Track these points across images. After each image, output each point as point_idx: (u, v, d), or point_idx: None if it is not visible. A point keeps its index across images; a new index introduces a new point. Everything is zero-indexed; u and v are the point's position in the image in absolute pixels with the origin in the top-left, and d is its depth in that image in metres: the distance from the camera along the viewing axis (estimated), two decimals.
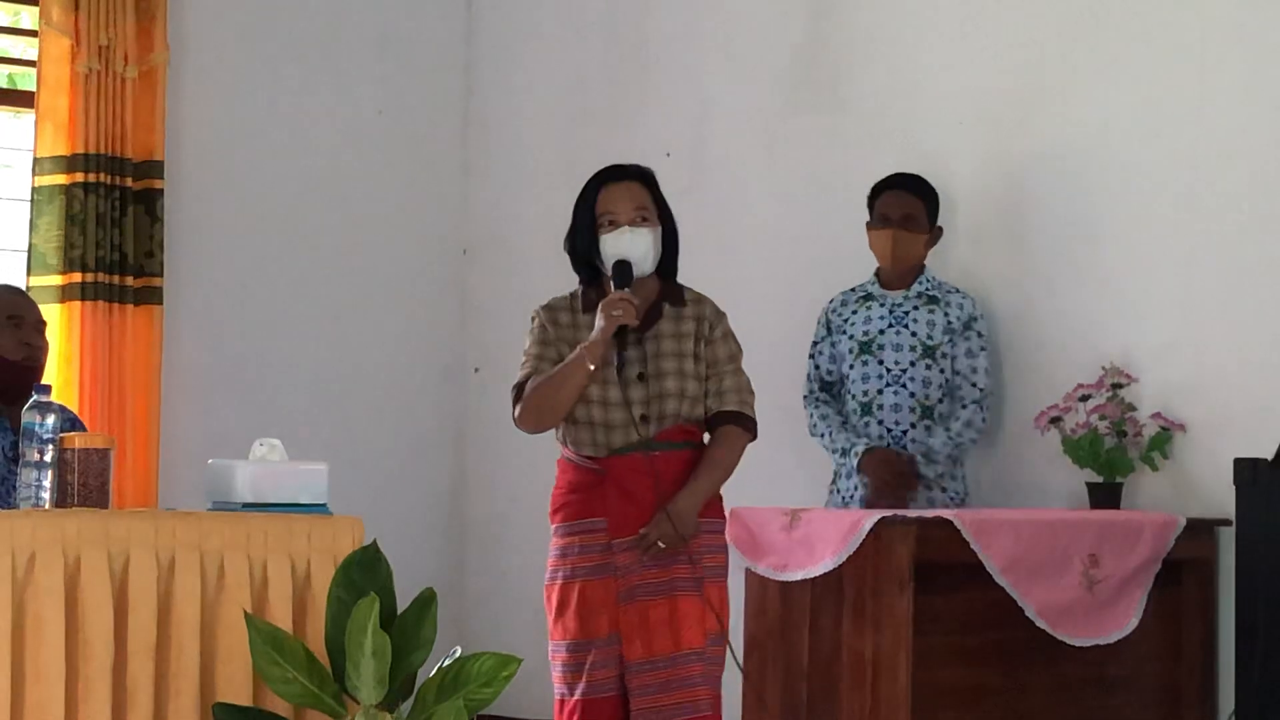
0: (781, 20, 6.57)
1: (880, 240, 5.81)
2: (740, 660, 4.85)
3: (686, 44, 6.87)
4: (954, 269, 5.96)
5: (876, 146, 6.20)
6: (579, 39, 7.23)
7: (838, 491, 5.79)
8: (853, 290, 5.91)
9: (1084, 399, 5.49)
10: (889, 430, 5.75)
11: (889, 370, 5.78)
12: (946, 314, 5.78)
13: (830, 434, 5.80)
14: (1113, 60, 5.73)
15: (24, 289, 5.50)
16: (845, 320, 5.87)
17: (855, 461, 5.68)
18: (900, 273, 5.83)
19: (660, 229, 4.71)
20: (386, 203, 7.38)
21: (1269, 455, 5.12)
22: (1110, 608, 5.14)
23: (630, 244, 4.65)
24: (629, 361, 4.63)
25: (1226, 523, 5.30)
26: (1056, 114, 5.84)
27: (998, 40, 6.00)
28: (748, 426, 4.71)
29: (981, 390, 5.73)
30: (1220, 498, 5.29)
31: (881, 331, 5.80)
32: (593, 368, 4.58)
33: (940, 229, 5.86)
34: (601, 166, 4.83)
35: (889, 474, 5.59)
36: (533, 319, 4.76)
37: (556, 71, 7.30)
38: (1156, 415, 5.44)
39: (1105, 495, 5.45)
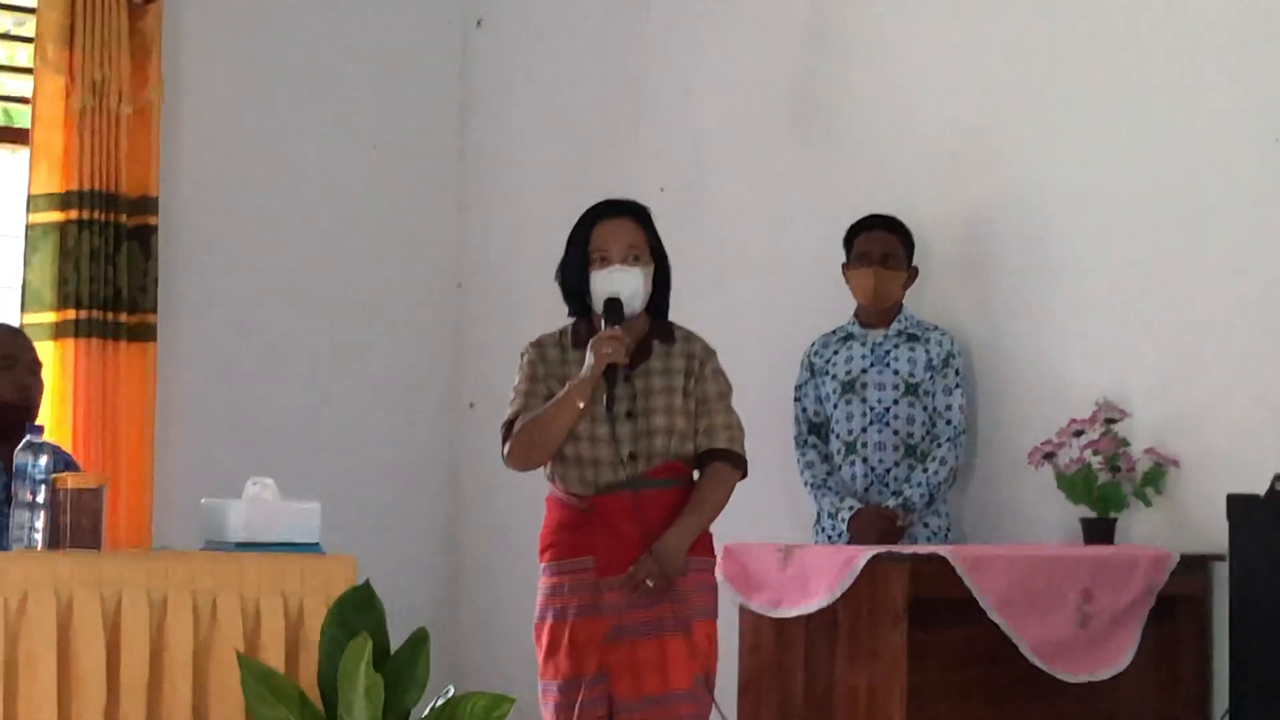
0: (776, 56, 6.59)
1: (861, 279, 5.83)
2: (721, 710, 4.81)
3: (681, 80, 6.89)
4: (934, 306, 5.97)
5: (871, 179, 6.21)
6: (574, 74, 7.25)
7: (822, 530, 5.80)
8: (833, 332, 5.93)
9: (1077, 434, 5.49)
10: (873, 469, 5.77)
11: (872, 409, 5.79)
12: (927, 351, 5.80)
13: (814, 492, 5.81)
14: (1100, 91, 5.74)
15: (18, 328, 5.49)
16: (827, 361, 5.89)
17: (844, 525, 5.69)
18: (880, 311, 5.86)
19: (652, 267, 4.71)
20: (381, 237, 7.38)
21: (1262, 491, 5.11)
22: (1104, 644, 5.13)
23: (621, 282, 4.65)
24: (618, 399, 4.62)
25: (1220, 558, 5.29)
26: (1043, 149, 5.85)
27: (983, 76, 6.01)
28: (737, 464, 4.70)
29: (955, 427, 5.75)
30: (1214, 533, 5.28)
31: (864, 371, 5.82)
32: (581, 405, 4.58)
33: (916, 269, 5.90)
34: (596, 201, 4.83)
35: (875, 534, 5.59)
36: (522, 355, 4.76)
37: (551, 106, 7.31)
38: (1150, 450, 5.44)
39: (1099, 530, 5.45)
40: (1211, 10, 5.52)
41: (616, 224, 4.71)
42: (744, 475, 4.73)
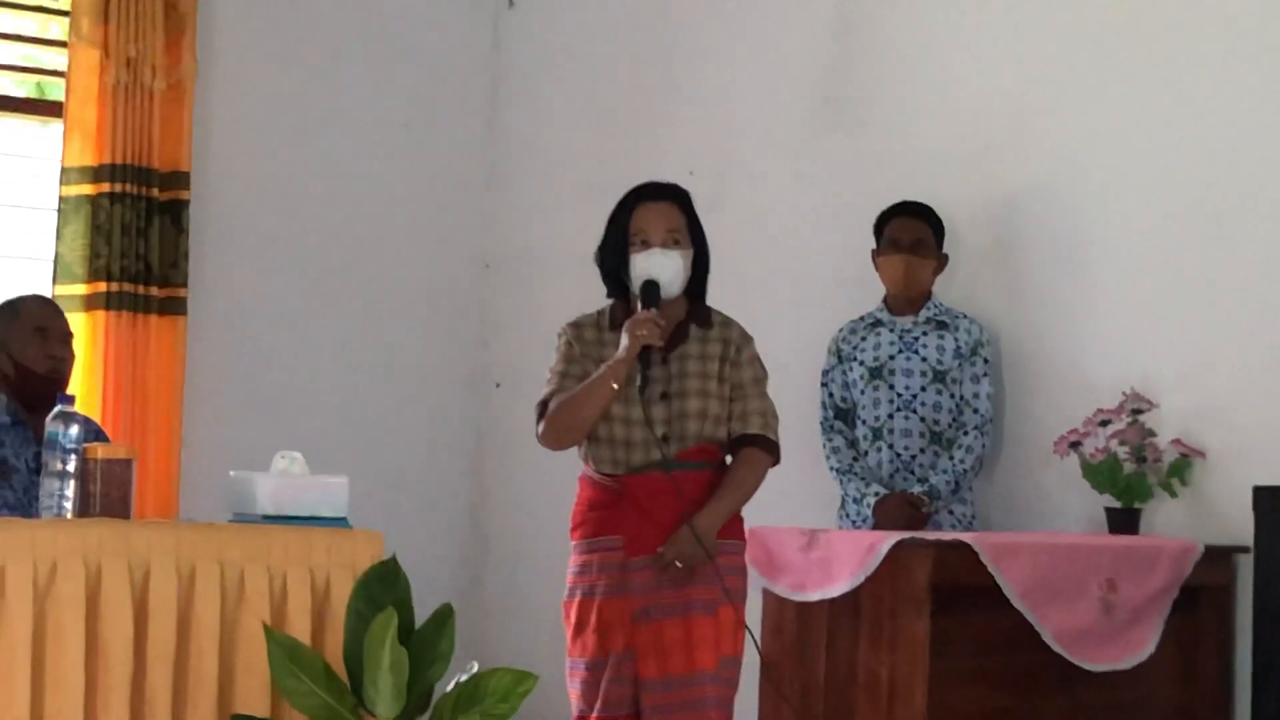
0: (807, 40, 6.58)
1: (892, 265, 5.84)
2: (772, 676, 4.83)
3: (712, 62, 6.89)
4: (963, 294, 5.97)
5: (901, 167, 6.21)
6: (604, 55, 7.25)
7: (846, 515, 5.81)
8: (861, 318, 5.94)
9: (1104, 424, 5.49)
10: (898, 455, 5.78)
11: (899, 395, 5.80)
12: (956, 339, 5.80)
13: (840, 477, 5.82)
14: (1131, 82, 5.73)
15: (53, 300, 5.52)
16: (855, 347, 5.89)
17: (869, 511, 5.69)
18: (910, 298, 5.86)
19: (692, 251, 4.71)
20: (410, 216, 7.40)
21: None
22: (1127, 633, 5.13)
23: (660, 265, 4.65)
24: (653, 381, 4.63)
25: (1245, 550, 5.30)
26: (1074, 140, 5.84)
27: (1016, 67, 6.01)
28: (770, 450, 4.70)
29: (981, 416, 5.75)
30: (1239, 525, 5.28)
31: (891, 357, 5.82)
32: (616, 386, 4.58)
33: (946, 256, 5.90)
34: (624, 183, 4.83)
35: (900, 520, 5.59)
36: (559, 336, 4.76)
37: (581, 88, 7.32)
38: (1176, 441, 5.44)
39: (1124, 520, 5.45)
40: (1243, 4, 5.51)
41: (657, 207, 4.71)
42: (777, 461, 4.73)
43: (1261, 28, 5.48)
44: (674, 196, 4.74)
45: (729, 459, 4.72)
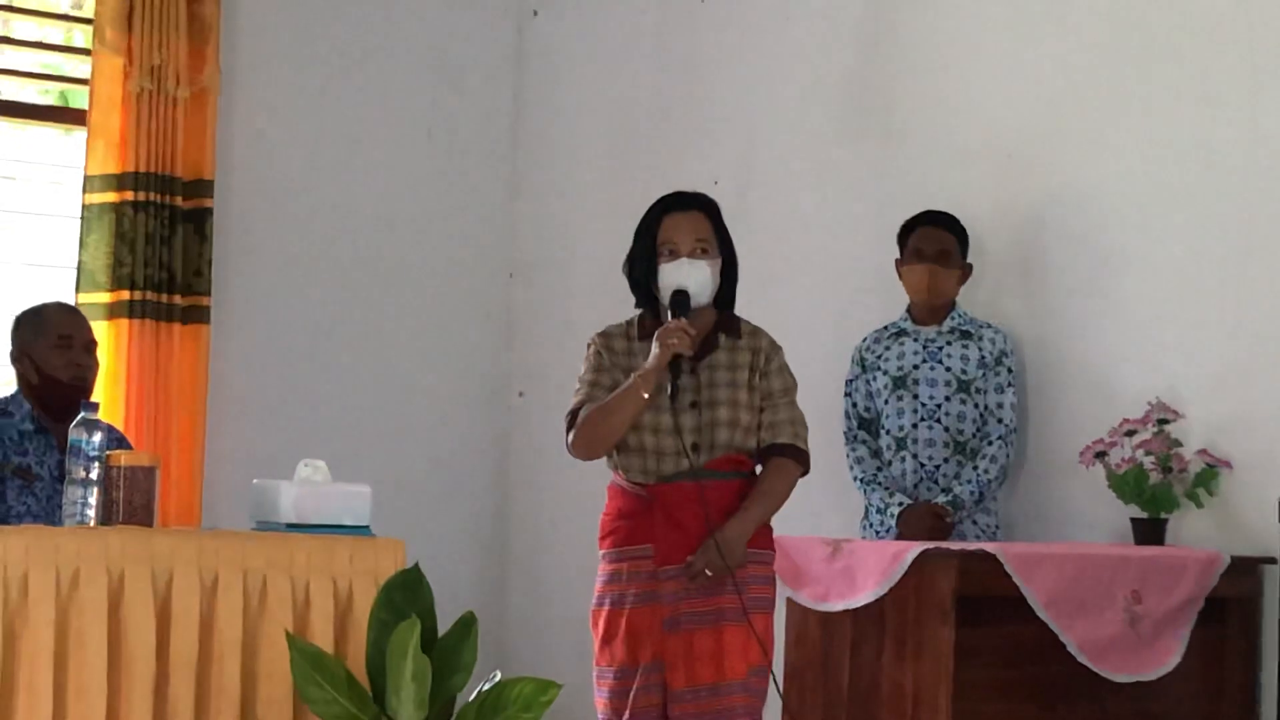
0: (831, 48, 6.57)
1: (916, 275, 5.82)
2: (781, 689, 4.83)
3: (736, 70, 6.88)
4: (988, 303, 5.95)
5: (926, 176, 6.19)
6: (629, 64, 7.25)
7: (869, 525, 5.79)
8: (885, 328, 5.92)
9: (1130, 434, 5.46)
10: (922, 465, 5.76)
11: (923, 405, 5.78)
12: (980, 348, 5.79)
13: (864, 487, 5.80)
14: (1157, 93, 5.72)
15: (77, 308, 5.52)
16: (879, 357, 5.87)
17: (893, 521, 5.68)
18: (934, 308, 5.84)
19: (720, 261, 4.71)
20: (433, 225, 7.40)
21: None
22: (1152, 644, 5.11)
23: (689, 275, 4.64)
24: (683, 390, 4.62)
25: (1271, 561, 5.28)
26: (1100, 150, 5.83)
27: (1041, 76, 5.99)
28: (800, 459, 4.69)
29: (1006, 426, 5.74)
30: (1265, 536, 5.27)
31: (915, 367, 5.80)
32: (646, 396, 4.57)
33: (970, 266, 5.88)
34: (648, 192, 4.84)
35: (924, 531, 5.57)
36: (589, 346, 4.76)
37: (605, 96, 7.31)
38: (1203, 452, 5.42)
39: (1149, 531, 5.43)
40: (1269, 14, 5.49)
41: (685, 217, 4.71)
42: (806, 471, 4.72)
43: None
44: (702, 206, 4.74)
45: (759, 468, 4.70)
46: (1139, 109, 5.75)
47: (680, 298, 4.62)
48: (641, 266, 4.70)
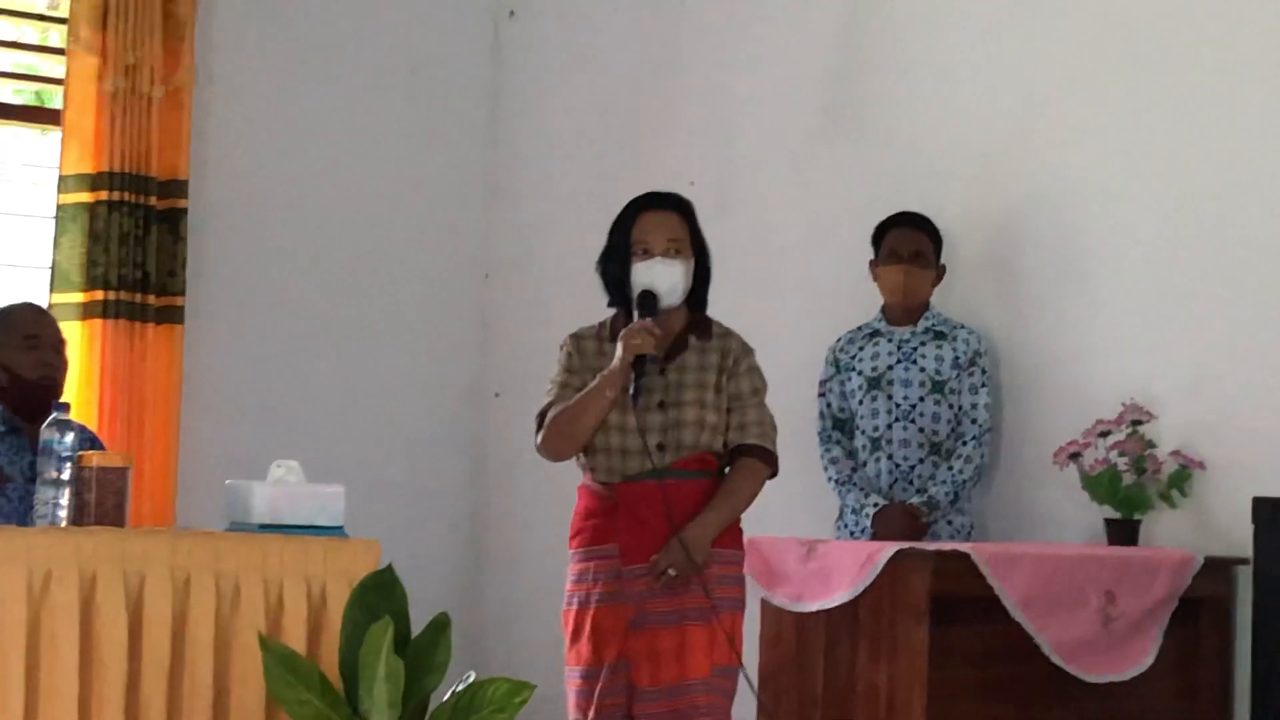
0: (808, 50, 6.58)
1: (892, 276, 5.83)
2: (755, 690, 4.84)
3: (714, 73, 6.88)
4: (962, 304, 5.96)
5: (901, 178, 6.20)
6: (605, 67, 7.25)
7: (844, 525, 5.80)
8: (859, 328, 5.93)
9: (1104, 435, 5.48)
10: (897, 465, 5.77)
11: (898, 405, 5.79)
12: (954, 349, 5.80)
13: (839, 488, 5.81)
14: (1132, 94, 5.73)
15: (44, 307, 5.51)
16: (853, 357, 5.88)
17: (868, 521, 5.68)
18: (909, 309, 5.85)
19: (693, 261, 4.71)
20: (409, 225, 7.39)
21: None
22: (1126, 645, 5.12)
23: (660, 275, 4.65)
24: (650, 390, 4.62)
25: (1244, 561, 5.29)
26: (1075, 152, 5.84)
27: (1017, 78, 6.00)
28: (768, 460, 4.70)
29: (980, 426, 5.74)
30: (1239, 536, 5.28)
31: (890, 367, 5.81)
32: (611, 395, 4.58)
33: (944, 267, 5.90)
34: (625, 193, 4.84)
35: (899, 531, 5.58)
36: (561, 347, 4.76)
37: (582, 97, 7.31)
38: (1176, 453, 5.43)
39: (1123, 532, 5.44)
40: (1248, 18, 5.51)
41: (659, 216, 4.72)
42: (774, 473, 4.73)
43: (1261, 41, 5.47)
44: (676, 206, 4.74)
45: (727, 469, 4.70)
46: (1114, 111, 5.77)
47: (647, 298, 4.63)
48: (615, 265, 4.71)
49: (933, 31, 6.24)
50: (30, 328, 5.28)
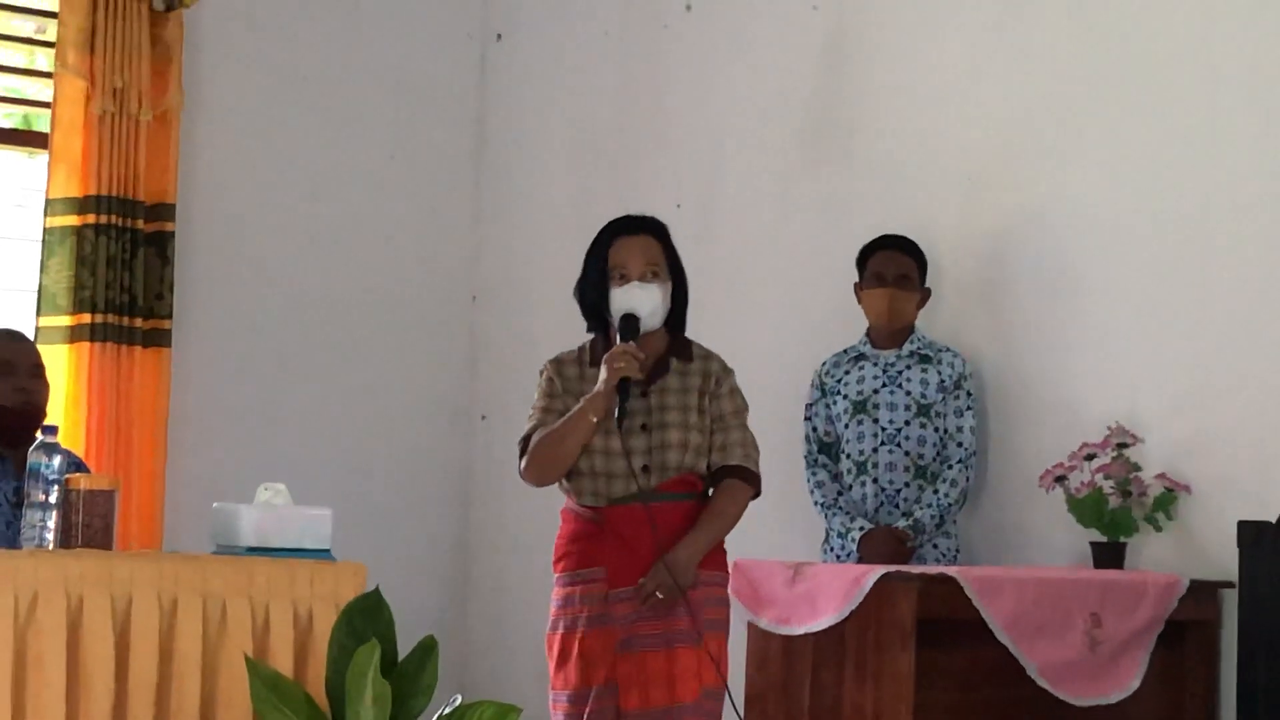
0: (793, 72, 6.60)
1: (876, 299, 5.84)
2: (740, 713, 4.84)
3: (698, 97, 6.90)
4: (947, 327, 5.97)
5: (887, 199, 6.22)
6: (591, 90, 7.26)
7: (830, 549, 5.80)
8: (844, 352, 5.94)
9: (1089, 458, 5.49)
10: (883, 489, 5.77)
11: (884, 429, 5.80)
12: (939, 372, 5.81)
13: (825, 511, 5.81)
14: (1117, 117, 5.75)
15: (19, 332, 5.45)
16: (838, 381, 5.89)
17: (854, 545, 5.69)
18: (893, 332, 5.86)
19: (670, 284, 4.72)
20: (397, 248, 7.40)
21: (1273, 518, 5.12)
22: (1112, 667, 5.12)
23: (639, 299, 4.66)
24: (633, 413, 4.63)
25: (1230, 584, 5.29)
26: (1059, 174, 5.86)
27: (1001, 100, 6.02)
28: (751, 481, 4.71)
29: (966, 449, 5.75)
30: (1224, 559, 5.28)
31: (875, 391, 5.82)
32: (594, 419, 4.59)
33: (929, 290, 5.91)
34: (612, 216, 4.84)
35: (885, 555, 5.58)
36: (541, 373, 4.77)
37: (568, 122, 7.33)
38: (1161, 476, 5.44)
39: (1109, 555, 5.45)
40: (1230, 38, 5.53)
41: (635, 240, 4.72)
42: (757, 493, 4.74)
43: (1248, 65, 5.49)
44: (652, 229, 4.75)
45: (711, 491, 4.71)
46: (1099, 133, 5.78)
47: (629, 322, 4.63)
48: (593, 291, 4.72)
49: (916, 55, 6.26)
50: (2, 354, 5.24)
